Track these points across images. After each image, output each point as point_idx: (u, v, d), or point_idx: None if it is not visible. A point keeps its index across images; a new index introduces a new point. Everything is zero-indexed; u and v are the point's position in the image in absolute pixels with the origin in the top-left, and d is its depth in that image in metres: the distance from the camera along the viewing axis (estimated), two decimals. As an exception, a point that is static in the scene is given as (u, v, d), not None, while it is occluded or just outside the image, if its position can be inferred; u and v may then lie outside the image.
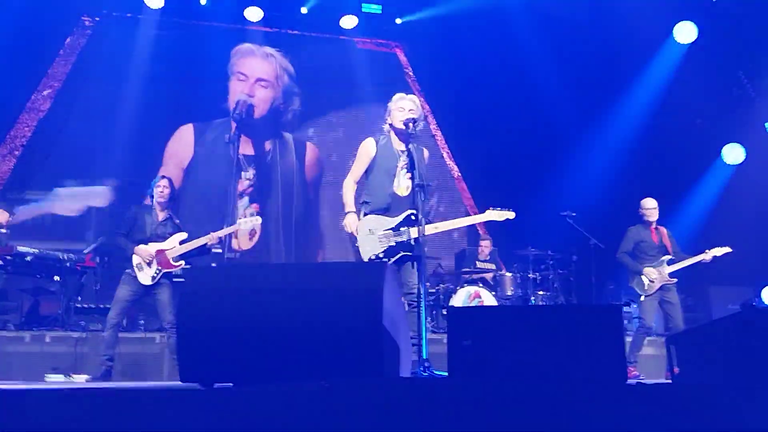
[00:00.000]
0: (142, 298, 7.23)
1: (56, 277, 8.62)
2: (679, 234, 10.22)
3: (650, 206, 8.16)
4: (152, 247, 7.06)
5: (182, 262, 7.13)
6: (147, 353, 7.98)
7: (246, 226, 7.43)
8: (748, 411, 2.96)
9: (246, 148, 12.02)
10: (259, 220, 7.52)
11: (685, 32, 11.02)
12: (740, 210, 9.59)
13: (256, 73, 12.48)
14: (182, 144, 12.05)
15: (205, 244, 7.15)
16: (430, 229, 5.43)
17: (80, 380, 6.97)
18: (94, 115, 11.33)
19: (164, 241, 7.13)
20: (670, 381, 4.33)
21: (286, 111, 12.68)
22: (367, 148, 5.60)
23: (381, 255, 5.30)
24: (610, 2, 10.53)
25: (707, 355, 3.75)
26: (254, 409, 3.14)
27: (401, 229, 5.33)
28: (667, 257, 7.98)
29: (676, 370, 4.01)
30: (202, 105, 11.97)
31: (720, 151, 11.21)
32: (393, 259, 5.28)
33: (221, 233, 7.27)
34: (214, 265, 8.37)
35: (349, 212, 5.45)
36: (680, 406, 3.06)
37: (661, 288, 7.91)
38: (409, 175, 5.41)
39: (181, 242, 7.15)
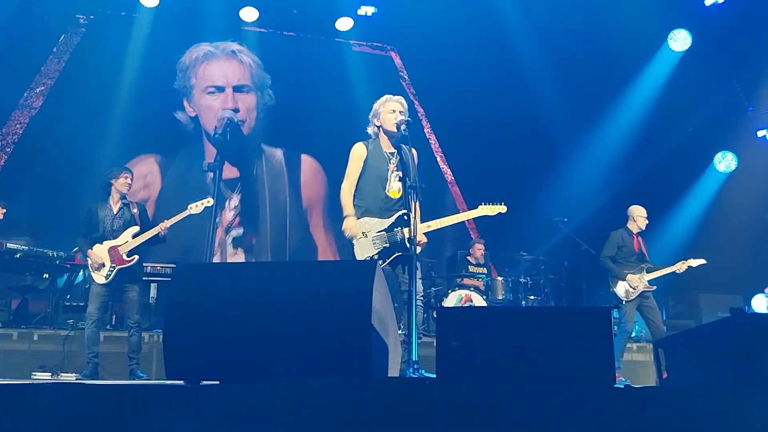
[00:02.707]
0: (115, 294, 7.21)
1: (45, 275, 8.58)
2: (669, 240, 10.29)
3: (643, 215, 8.28)
4: (105, 246, 7.02)
5: (135, 257, 7.09)
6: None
7: (197, 209, 7.19)
8: (736, 414, 2.96)
9: (226, 171, 10.85)
10: (210, 201, 7.14)
11: (680, 40, 11.06)
12: (731, 218, 9.62)
13: (231, 80, 11.81)
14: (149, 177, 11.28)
15: (158, 234, 7.10)
16: (423, 227, 5.43)
17: (68, 379, 6.93)
18: (86, 113, 11.30)
19: (118, 236, 7.09)
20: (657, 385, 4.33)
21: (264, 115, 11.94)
22: (359, 152, 5.57)
23: (375, 257, 5.30)
24: (606, 8, 10.55)
25: (696, 359, 3.74)
26: (241, 408, 3.12)
27: (395, 229, 5.32)
28: (647, 265, 8.09)
29: (665, 374, 4.00)
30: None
31: (712, 159, 11.24)
32: (388, 261, 5.27)
33: (172, 221, 7.19)
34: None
35: (347, 216, 5.40)
36: (668, 409, 3.06)
37: (640, 294, 8.04)
38: (400, 175, 5.39)
39: (134, 235, 7.11)
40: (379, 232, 5.35)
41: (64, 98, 11.34)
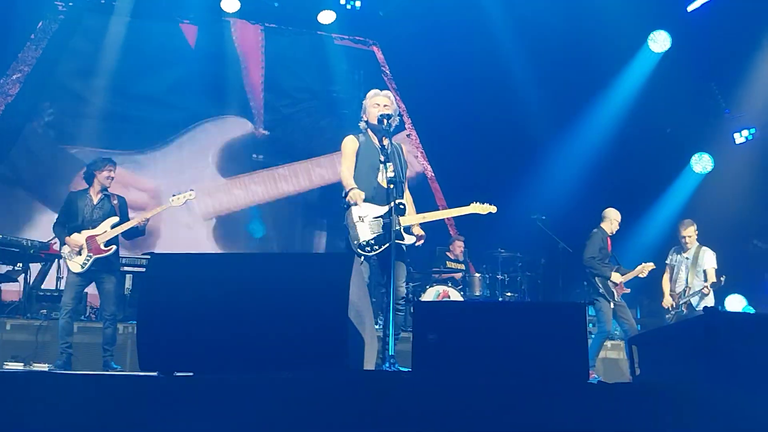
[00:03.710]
0: (90, 284, 7.15)
1: (19, 264, 8.47)
2: (645, 241, 10.37)
3: (619, 219, 8.42)
4: (83, 235, 6.95)
5: (113, 247, 7.03)
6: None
7: (178, 202, 7.15)
8: (706, 411, 2.99)
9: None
10: (192, 194, 7.19)
11: (659, 41, 11.13)
12: (706, 219, 9.69)
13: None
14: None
15: (137, 225, 7.05)
16: (418, 218, 5.62)
17: (41, 369, 6.86)
18: (63, 100, 11.19)
19: (96, 227, 7.03)
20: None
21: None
22: (351, 143, 5.63)
23: (372, 241, 5.35)
24: (588, 8, 10.59)
25: (669, 356, 3.78)
26: (215, 400, 3.11)
27: (390, 217, 5.32)
28: (620, 267, 8.23)
29: (638, 371, 4.03)
30: (173, 94, 11.80)
31: (689, 160, 11.34)
32: (382, 248, 5.28)
33: (151, 213, 7.18)
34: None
35: (351, 188, 5.45)
36: (640, 405, 3.09)
37: None
38: (391, 166, 5.39)
39: (113, 226, 7.05)
40: (375, 218, 5.39)
41: (41, 86, 11.21)
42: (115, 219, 7.10)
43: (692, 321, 3.70)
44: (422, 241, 5.63)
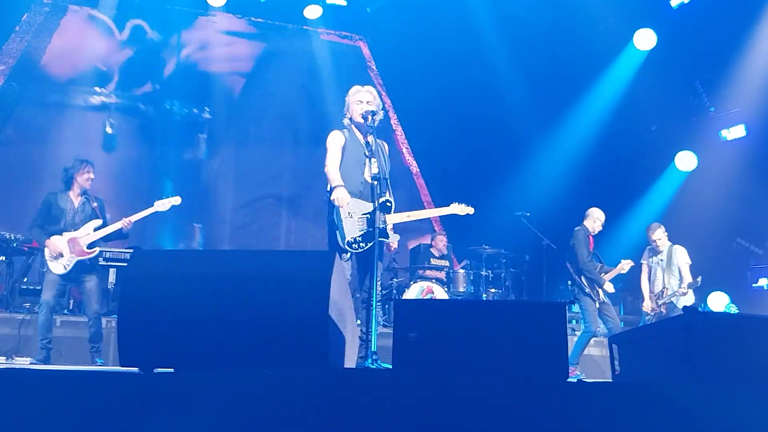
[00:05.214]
0: (71, 283, 7.15)
1: (2, 258, 8.43)
2: (630, 239, 10.41)
3: (603, 219, 8.37)
4: (65, 237, 6.88)
5: (96, 249, 7.00)
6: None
7: (164, 207, 7.13)
8: (685, 410, 3.02)
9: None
10: (178, 200, 7.19)
11: (645, 39, 11.17)
12: (690, 217, 9.76)
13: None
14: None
15: (120, 229, 6.99)
16: (402, 217, 5.59)
17: (23, 363, 6.83)
18: (47, 93, 11.12)
19: (78, 229, 6.96)
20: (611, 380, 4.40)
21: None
22: (337, 136, 5.56)
23: (359, 239, 5.31)
24: (573, 5, 10.62)
25: (649, 355, 3.80)
26: (195, 396, 3.10)
27: (377, 214, 5.31)
28: (603, 266, 8.22)
29: (618, 370, 4.06)
30: (159, 88, 11.77)
31: (673, 158, 11.39)
32: (368, 245, 5.27)
33: (136, 217, 7.09)
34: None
35: (338, 186, 5.33)
36: (619, 404, 3.10)
37: None
38: (375, 163, 5.37)
39: (96, 229, 6.99)
40: (363, 214, 5.36)
41: (26, 79, 11.14)
42: (98, 222, 7.04)
43: (671, 320, 3.73)
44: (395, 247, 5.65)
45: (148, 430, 3.00)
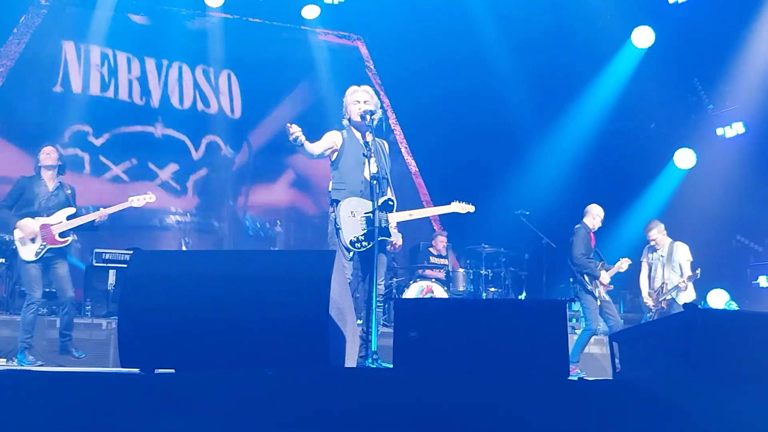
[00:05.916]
0: (45, 270, 6.96)
1: (1, 260, 8.42)
2: (630, 236, 10.41)
3: (602, 215, 8.36)
4: (37, 222, 6.79)
5: (69, 238, 6.92)
6: (93, 339, 7.83)
7: (138, 203, 7.09)
8: (686, 407, 3.02)
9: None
10: (153, 197, 7.16)
11: (643, 37, 11.16)
12: (690, 214, 9.76)
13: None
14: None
15: (93, 220, 6.95)
16: (405, 215, 5.60)
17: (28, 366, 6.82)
18: (46, 95, 11.13)
19: (51, 215, 6.87)
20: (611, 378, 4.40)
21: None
22: (334, 136, 5.57)
23: (362, 238, 5.29)
24: (572, 4, 10.62)
25: (649, 353, 3.80)
26: (196, 396, 3.10)
27: (379, 213, 5.30)
28: (603, 264, 8.20)
29: (618, 368, 4.06)
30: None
31: (672, 156, 11.39)
32: (371, 244, 5.26)
33: (112, 210, 7.04)
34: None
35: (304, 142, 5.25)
36: (620, 402, 3.10)
37: None
38: (375, 161, 5.36)
39: (69, 217, 6.92)
40: (366, 213, 5.33)
41: (24, 80, 11.14)
42: (72, 210, 6.95)
43: (672, 318, 3.73)
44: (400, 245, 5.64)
45: (150, 431, 3.01)
